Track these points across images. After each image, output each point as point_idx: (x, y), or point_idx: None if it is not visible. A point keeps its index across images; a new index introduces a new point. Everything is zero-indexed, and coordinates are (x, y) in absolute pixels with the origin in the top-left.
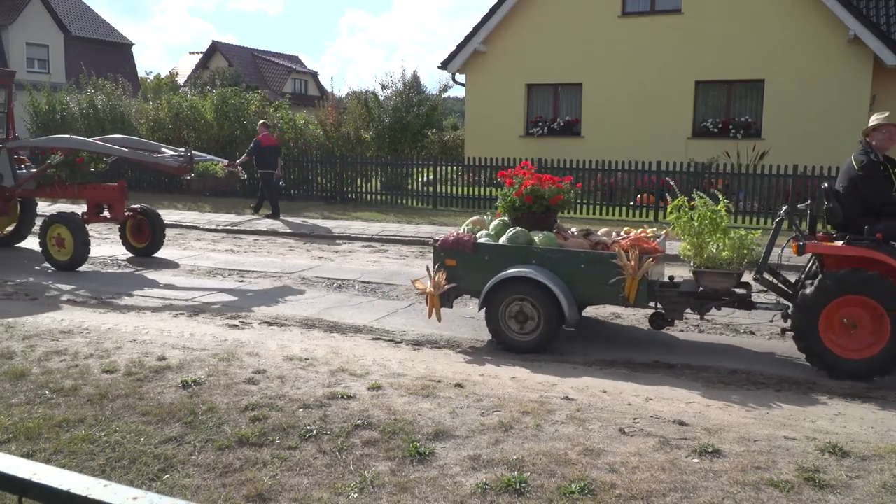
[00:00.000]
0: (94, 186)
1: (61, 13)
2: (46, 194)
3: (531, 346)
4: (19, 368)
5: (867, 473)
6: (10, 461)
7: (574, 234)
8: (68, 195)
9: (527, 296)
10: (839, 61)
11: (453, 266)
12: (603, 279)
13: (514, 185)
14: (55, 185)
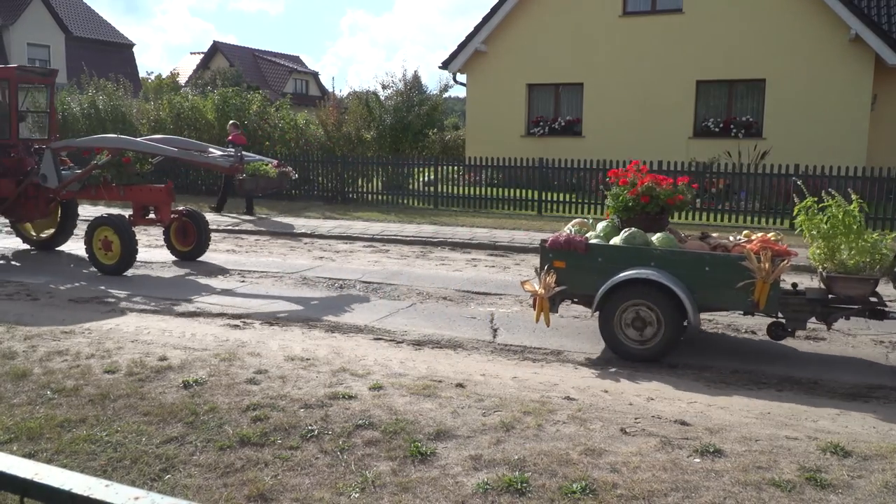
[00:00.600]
0: (141, 188)
1: (62, 13)
2: (90, 196)
3: (650, 355)
4: (21, 368)
5: (869, 473)
6: (12, 461)
7: (688, 236)
8: (113, 197)
9: (646, 300)
10: (840, 61)
11: (562, 268)
12: (729, 283)
13: (627, 183)
14: (100, 186)
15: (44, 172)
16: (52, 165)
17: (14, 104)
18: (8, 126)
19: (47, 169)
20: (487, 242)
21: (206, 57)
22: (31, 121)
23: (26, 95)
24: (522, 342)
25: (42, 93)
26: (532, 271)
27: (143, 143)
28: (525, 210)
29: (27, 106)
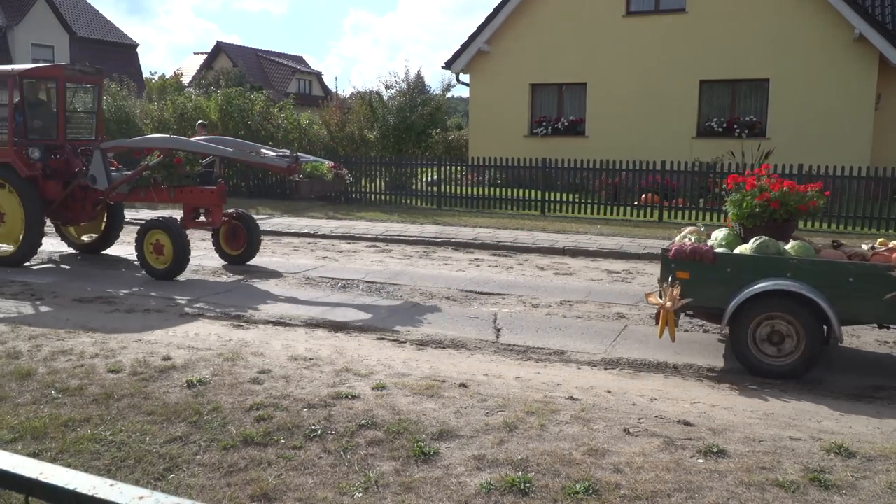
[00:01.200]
0: (192, 189)
1: (66, 14)
2: (139, 198)
3: (790, 370)
4: (25, 368)
5: (873, 474)
6: (17, 460)
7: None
8: (163, 199)
9: (785, 313)
10: (844, 60)
11: (685, 279)
12: (875, 294)
13: (754, 188)
14: (149, 188)
15: (93, 174)
16: (101, 167)
17: (62, 104)
18: (55, 126)
19: (97, 170)
20: (490, 242)
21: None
22: (77, 121)
23: (74, 95)
24: (525, 342)
25: (88, 92)
26: (535, 270)
27: (196, 144)
28: (528, 210)
29: (73, 105)
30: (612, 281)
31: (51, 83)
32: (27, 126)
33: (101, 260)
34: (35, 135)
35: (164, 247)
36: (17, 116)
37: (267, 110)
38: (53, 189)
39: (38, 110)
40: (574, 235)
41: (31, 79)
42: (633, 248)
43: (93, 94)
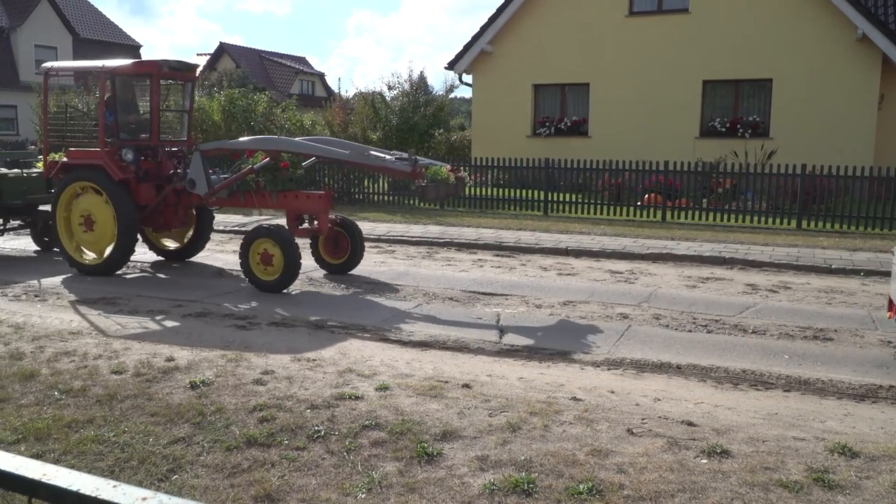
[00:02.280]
0: (297, 194)
1: (69, 15)
2: (237, 203)
3: None
4: (29, 369)
5: (876, 474)
6: (20, 462)
7: None
8: (265, 204)
9: None
10: (847, 60)
11: None
12: None
13: None
14: (250, 192)
15: (192, 177)
16: (201, 170)
17: (156, 102)
18: (149, 126)
19: (196, 174)
20: (493, 243)
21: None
22: (168, 121)
23: (168, 92)
24: (529, 343)
25: (178, 89)
26: (538, 271)
27: (307, 145)
28: (531, 210)
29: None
30: (616, 281)
31: (143, 80)
32: (118, 126)
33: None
34: (126, 135)
35: (273, 257)
36: (107, 115)
37: (270, 111)
38: (146, 193)
39: (129, 109)
40: (577, 236)
41: (124, 75)
42: (637, 249)
43: (184, 91)
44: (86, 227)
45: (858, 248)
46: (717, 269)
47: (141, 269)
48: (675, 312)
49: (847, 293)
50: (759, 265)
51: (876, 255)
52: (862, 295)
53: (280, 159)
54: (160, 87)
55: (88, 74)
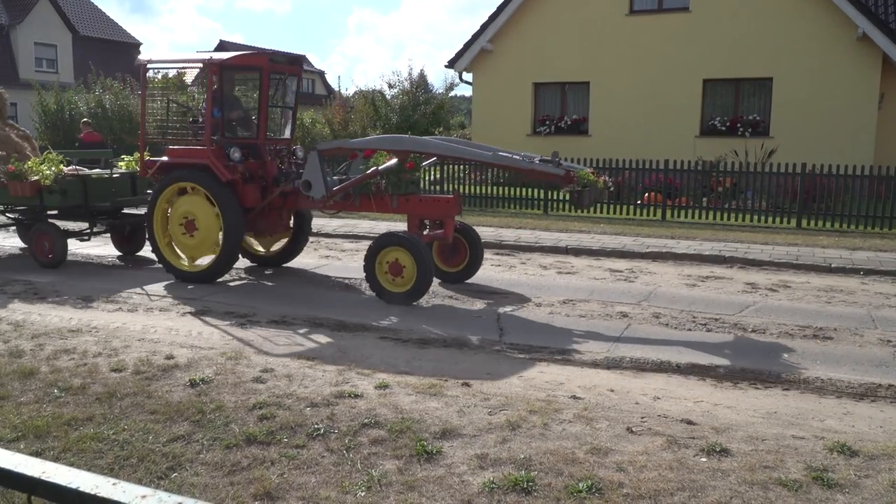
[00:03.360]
0: (421, 198)
1: (69, 13)
2: (352, 207)
3: None
4: (28, 367)
5: (876, 473)
6: (20, 460)
7: None
8: (384, 209)
9: None
10: (848, 59)
11: None
12: None
13: None
14: (367, 195)
15: (307, 179)
16: (318, 171)
17: (265, 98)
18: (255, 123)
19: (312, 175)
20: (493, 241)
21: None
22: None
23: (277, 88)
24: (528, 341)
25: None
26: (538, 269)
27: (444, 146)
28: (531, 209)
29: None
30: (616, 280)
31: (252, 73)
32: (223, 123)
33: (103, 259)
34: (232, 133)
35: (405, 268)
36: (214, 111)
37: None
38: (252, 195)
39: (234, 105)
40: (577, 234)
41: (233, 69)
42: (637, 247)
43: (288, 86)
44: (187, 232)
45: (858, 248)
46: (716, 267)
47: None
48: (675, 311)
49: (847, 292)
50: (759, 264)
51: (876, 254)
52: (861, 294)
53: (408, 159)
54: (269, 82)
55: (190, 67)
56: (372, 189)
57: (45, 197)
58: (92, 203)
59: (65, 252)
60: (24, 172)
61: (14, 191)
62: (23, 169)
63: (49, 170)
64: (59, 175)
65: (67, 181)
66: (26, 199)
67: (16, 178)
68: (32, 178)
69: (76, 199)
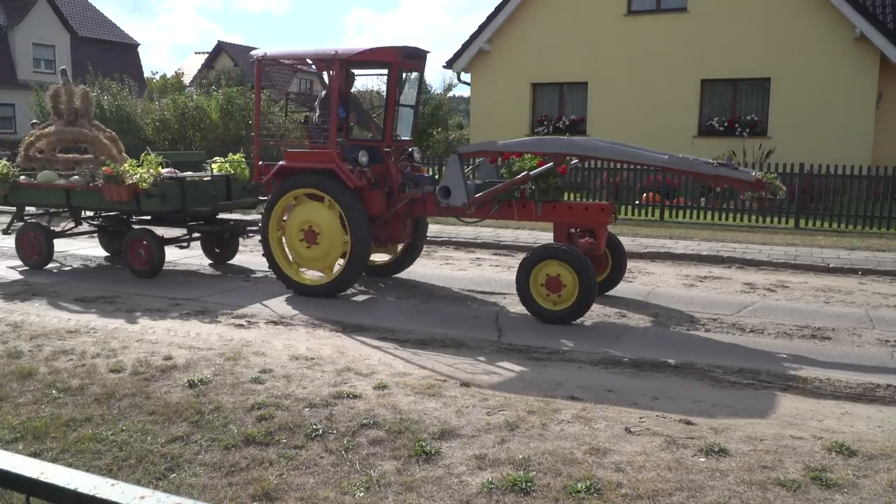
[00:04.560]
0: (570, 206)
1: (68, 13)
2: (490, 215)
3: None
4: (26, 368)
5: (874, 472)
6: (18, 460)
7: None
8: (527, 217)
9: None
10: (845, 59)
11: None
12: None
13: None
14: (510, 203)
15: (446, 185)
16: (459, 176)
17: (392, 96)
18: (379, 124)
19: (453, 181)
20: (492, 242)
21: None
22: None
23: (404, 85)
24: (527, 341)
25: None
26: None
27: (611, 148)
28: None
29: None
30: None
31: (381, 69)
32: (348, 123)
33: (102, 259)
34: (355, 134)
35: (566, 284)
36: (339, 111)
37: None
38: (378, 203)
39: (355, 103)
40: None
41: (360, 64)
42: (635, 248)
43: (410, 82)
44: (308, 242)
45: (856, 247)
46: (714, 267)
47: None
48: (674, 311)
49: (845, 292)
50: (757, 264)
51: (874, 253)
52: (860, 294)
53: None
54: (399, 79)
55: (312, 62)
56: (515, 195)
57: (142, 201)
58: (191, 208)
59: (162, 260)
60: (121, 175)
61: (109, 194)
62: (119, 171)
63: (147, 172)
64: (158, 177)
65: (166, 184)
66: (122, 203)
67: (112, 181)
68: (129, 180)
69: (174, 204)
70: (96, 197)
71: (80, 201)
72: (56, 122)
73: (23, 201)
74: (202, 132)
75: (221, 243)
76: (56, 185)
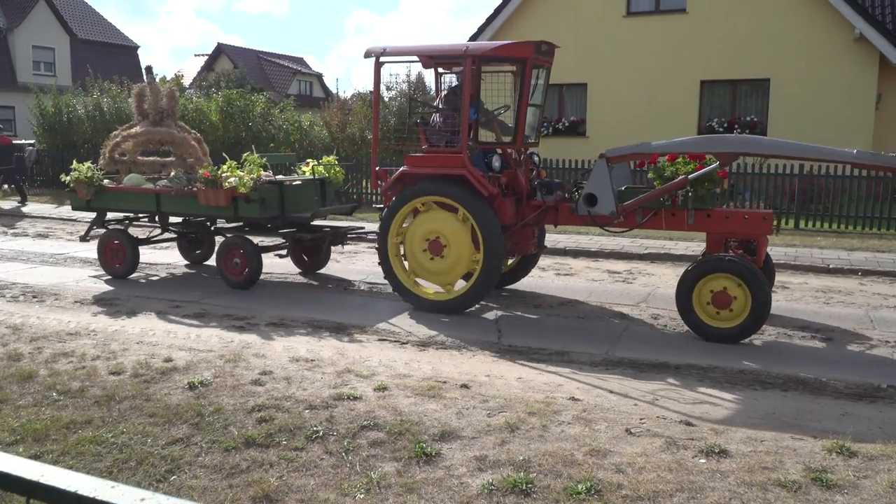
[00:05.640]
0: (728, 214)
1: (67, 16)
2: (634, 224)
3: None
4: (27, 370)
5: (874, 473)
6: (18, 463)
7: None
8: (676, 226)
9: None
10: (845, 60)
11: None
12: None
13: None
14: (660, 211)
15: (591, 192)
16: (607, 183)
17: (526, 95)
18: (514, 125)
19: (599, 187)
20: None
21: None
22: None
23: (537, 82)
24: (527, 343)
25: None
26: (536, 271)
27: (787, 144)
28: None
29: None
30: (614, 281)
31: (513, 65)
32: (477, 126)
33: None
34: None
35: (736, 298)
36: (470, 112)
37: (268, 112)
38: (509, 212)
39: (480, 104)
40: (575, 236)
41: (493, 60)
42: (635, 249)
43: (538, 80)
44: (432, 253)
45: (856, 248)
46: None
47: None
48: (673, 312)
49: (845, 293)
50: None
51: (874, 254)
52: (860, 294)
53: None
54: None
55: (438, 59)
56: (666, 202)
57: (240, 206)
58: (289, 215)
59: (260, 270)
60: (220, 178)
61: (206, 199)
62: (218, 174)
63: (248, 175)
64: (258, 181)
65: (265, 189)
66: (218, 209)
67: (211, 185)
68: (228, 184)
69: (273, 210)
70: (190, 202)
71: (172, 207)
72: (141, 123)
73: (107, 207)
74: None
75: (315, 251)
76: (146, 190)
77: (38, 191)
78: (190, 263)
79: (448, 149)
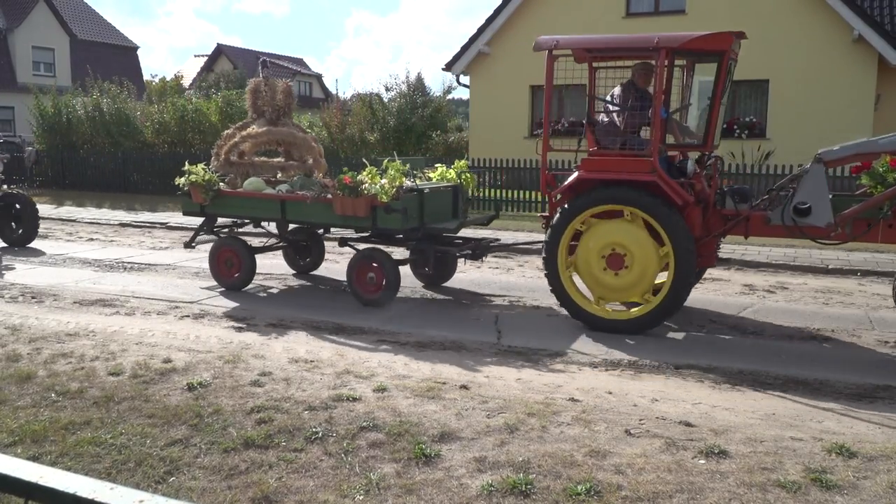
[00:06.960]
0: None
1: (67, 16)
2: (844, 237)
3: None
4: (25, 371)
5: (874, 474)
6: (16, 464)
7: None
8: (892, 239)
9: None
10: (844, 61)
11: None
12: None
13: None
14: (878, 222)
15: (805, 201)
16: (824, 190)
17: (719, 93)
18: (706, 125)
19: (814, 195)
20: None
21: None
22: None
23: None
24: (527, 344)
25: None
26: (536, 272)
27: None
28: (529, 211)
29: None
30: None
31: (706, 59)
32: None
33: (102, 259)
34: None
35: None
36: (661, 111)
37: None
38: (698, 221)
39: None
40: None
41: (688, 53)
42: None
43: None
44: (613, 268)
45: (855, 249)
46: (714, 269)
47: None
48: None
49: (844, 293)
50: (757, 265)
51: (873, 255)
52: (859, 295)
53: None
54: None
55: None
56: (887, 212)
57: (379, 216)
58: (430, 225)
59: (398, 285)
60: (360, 186)
61: (342, 208)
62: (358, 181)
63: (391, 183)
64: (401, 189)
65: (406, 197)
66: (354, 219)
67: (350, 193)
68: (366, 192)
69: (413, 221)
70: (322, 210)
71: (299, 215)
72: (257, 122)
73: (223, 212)
74: (202, 135)
75: (441, 263)
76: (272, 196)
77: (37, 191)
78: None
79: (630, 151)
